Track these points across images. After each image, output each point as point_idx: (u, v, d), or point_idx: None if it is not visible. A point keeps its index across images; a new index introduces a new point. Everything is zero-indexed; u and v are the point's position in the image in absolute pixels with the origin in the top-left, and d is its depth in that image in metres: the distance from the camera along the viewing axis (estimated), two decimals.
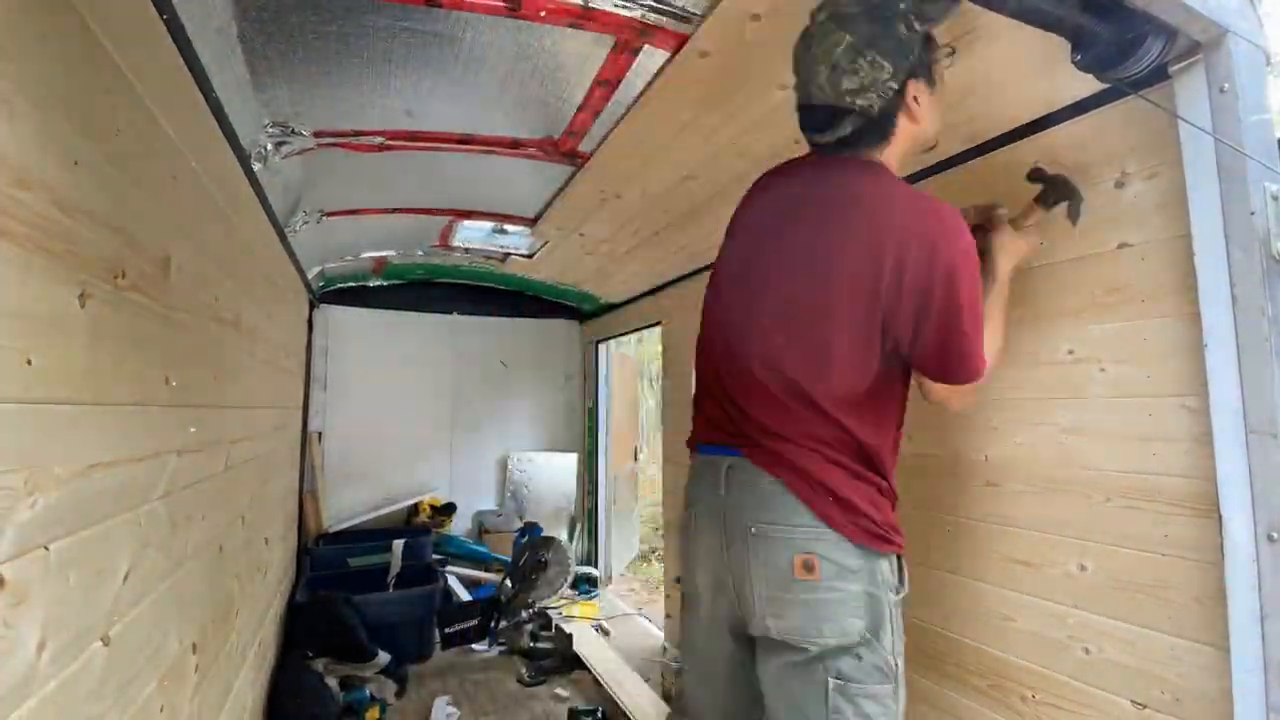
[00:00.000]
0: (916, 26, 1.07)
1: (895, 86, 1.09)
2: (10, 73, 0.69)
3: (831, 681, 1.07)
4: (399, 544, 3.49)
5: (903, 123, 1.15)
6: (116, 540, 0.97)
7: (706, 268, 3.02)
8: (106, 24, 0.91)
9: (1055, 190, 1.35)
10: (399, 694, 2.83)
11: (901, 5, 1.06)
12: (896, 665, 1.10)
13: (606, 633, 3.67)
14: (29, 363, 0.73)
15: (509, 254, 3.53)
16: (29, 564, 0.72)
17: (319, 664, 2.75)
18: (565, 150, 2.01)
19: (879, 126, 1.14)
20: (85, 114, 0.86)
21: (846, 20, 1.07)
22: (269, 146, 1.80)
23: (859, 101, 1.09)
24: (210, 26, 1.27)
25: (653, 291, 3.68)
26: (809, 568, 1.07)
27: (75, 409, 0.85)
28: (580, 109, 1.75)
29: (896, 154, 1.19)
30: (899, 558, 1.16)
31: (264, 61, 1.48)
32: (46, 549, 0.76)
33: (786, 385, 1.12)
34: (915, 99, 1.14)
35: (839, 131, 1.13)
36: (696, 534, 1.25)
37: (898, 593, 1.13)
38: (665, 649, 3.37)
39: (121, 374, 0.99)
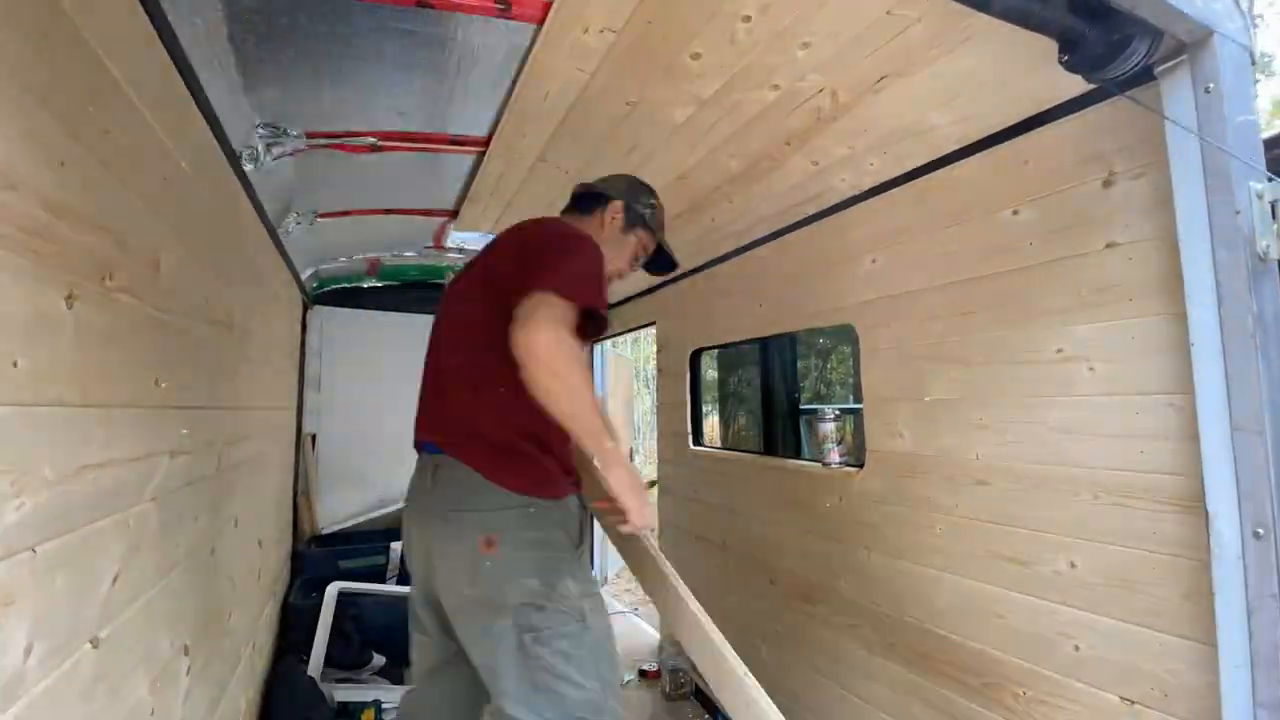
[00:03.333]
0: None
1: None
2: None
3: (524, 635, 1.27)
4: (398, 545, 3.49)
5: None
6: (106, 542, 0.97)
7: (702, 267, 3.03)
8: (94, 25, 0.91)
9: None
10: None
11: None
12: (582, 606, 1.32)
13: None
14: (15, 365, 0.72)
15: None
16: (16, 566, 0.72)
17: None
18: None
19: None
20: (73, 115, 0.86)
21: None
22: (260, 147, 1.79)
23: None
24: (200, 27, 1.26)
25: (648, 292, 3.69)
26: (489, 543, 1.29)
27: (63, 410, 0.84)
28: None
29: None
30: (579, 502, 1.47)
31: (255, 62, 1.47)
32: (34, 551, 0.76)
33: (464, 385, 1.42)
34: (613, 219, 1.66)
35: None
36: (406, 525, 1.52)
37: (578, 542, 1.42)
38: (663, 647, 3.37)
39: (110, 375, 0.99)
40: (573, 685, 1.26)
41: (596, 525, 1.80)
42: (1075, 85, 1.32)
